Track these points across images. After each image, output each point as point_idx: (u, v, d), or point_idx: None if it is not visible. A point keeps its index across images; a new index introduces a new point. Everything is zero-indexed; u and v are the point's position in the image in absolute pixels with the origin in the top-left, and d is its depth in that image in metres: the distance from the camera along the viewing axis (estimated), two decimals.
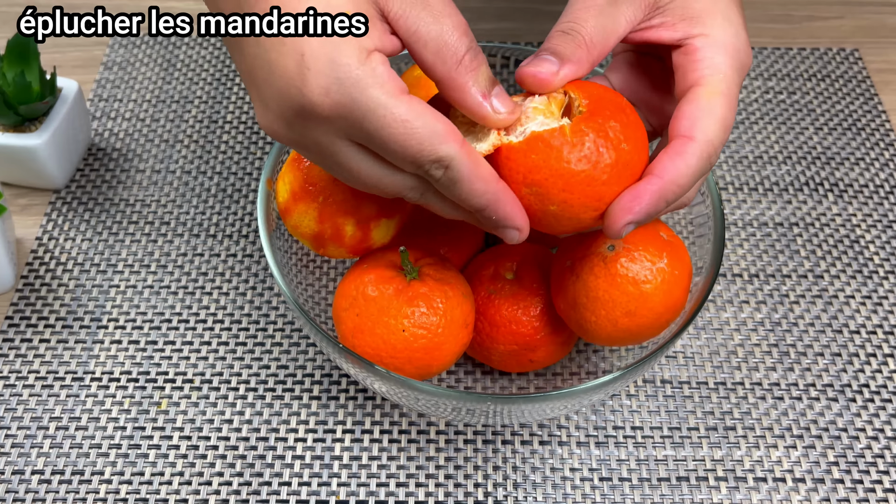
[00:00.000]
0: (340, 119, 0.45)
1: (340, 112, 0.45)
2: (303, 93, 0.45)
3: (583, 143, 0.50)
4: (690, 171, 0.50)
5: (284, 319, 0.75)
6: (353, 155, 0.48)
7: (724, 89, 0.52)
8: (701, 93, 0.51)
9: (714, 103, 0.51)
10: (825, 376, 0.73)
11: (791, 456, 0.68)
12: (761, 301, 0.77)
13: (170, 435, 0.69)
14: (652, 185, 0.50)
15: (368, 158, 0.48)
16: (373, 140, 0.46)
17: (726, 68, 0.52)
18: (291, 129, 0.47)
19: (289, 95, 0.45)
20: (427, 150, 0.46)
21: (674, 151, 0.50)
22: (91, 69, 0.95)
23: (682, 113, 0.51)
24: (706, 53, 0.52)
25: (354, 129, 0.46)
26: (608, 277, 0.59)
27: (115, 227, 0.81)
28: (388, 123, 0.45)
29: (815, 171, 0.86)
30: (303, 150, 0.50)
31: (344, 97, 0.45)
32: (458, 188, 0.48)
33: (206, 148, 0.88)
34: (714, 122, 0.51)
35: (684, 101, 0.52)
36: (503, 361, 0.67)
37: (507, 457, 0.68)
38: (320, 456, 0.68)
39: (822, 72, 0.96)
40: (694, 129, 0.50)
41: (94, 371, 0.72)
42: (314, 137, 0.47)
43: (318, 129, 0.47)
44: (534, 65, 0.52)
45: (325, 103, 0.45)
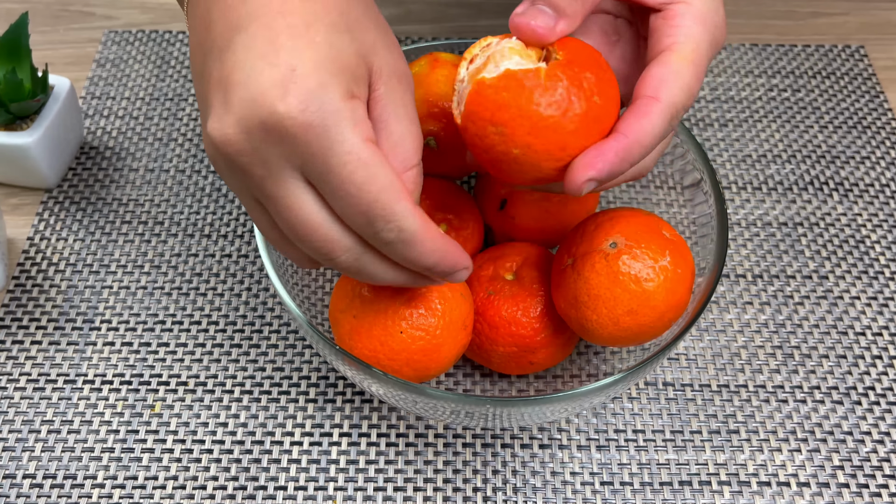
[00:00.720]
0: (304, 144, 0.44)
1: (308, 135, 0.44)
2: (279, 103, 0.44)
3: (555, 88, 0.49)
4: (655, 130, 0.50)
5: (280, 321, 0.75)
6: (298, 192, 0.46)
7: (694, 58, 0.52)
8: (671, 57, 0.52)
9: (682, 68, 0.52)
10: (830, 378, 0.73)
11: (795, 459, 0.68)
12: (765, 302, 0.77)
13: (164, 438, 0.69)
14: (617, 142, 0.50)
15: (313, 200, 0.47)
16: (330, 177, 0.45)
17: (700, 39, 0.53)
18: (247, 138, 0.45)
19: (263, 102, 0.44)
20: (383, 202, 0.45)
21: (639, 111, 0.51)
22: (83, 66, 0.95)
23: (650, 74, 0.52)
24: (684, 21, 0.53)
25: (314, 159, 0.45)
26: (610, 275, 0.59)
27: (107, 226, 0.81)
28: (351, 162, 0.45)
29: (820, 169, 0.87)
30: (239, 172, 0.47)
31: (318, 121, 0.44)
32: (409, 250, 0.48)
33: (200, 146, 0.88)
34: (680, 87, 0.51)
35: (654, 63, 0.52)
36: (502, 363, 0.67)
37: (507, 461, 0.68)
38: (316, 459, 0.68)
39: (826, 69, 0.96)
40: (660, 91, 0.51)
41: (86, 374, 0.72)
42: (265, 157, 0.45)
43: (276, 148, 0.45)
44: (530, 15, 0.51)
45: (297, 120, 0.44)
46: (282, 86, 0.44)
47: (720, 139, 0.89)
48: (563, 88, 0.49)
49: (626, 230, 0.60)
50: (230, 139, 0.45)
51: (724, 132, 0.89)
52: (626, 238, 0.60)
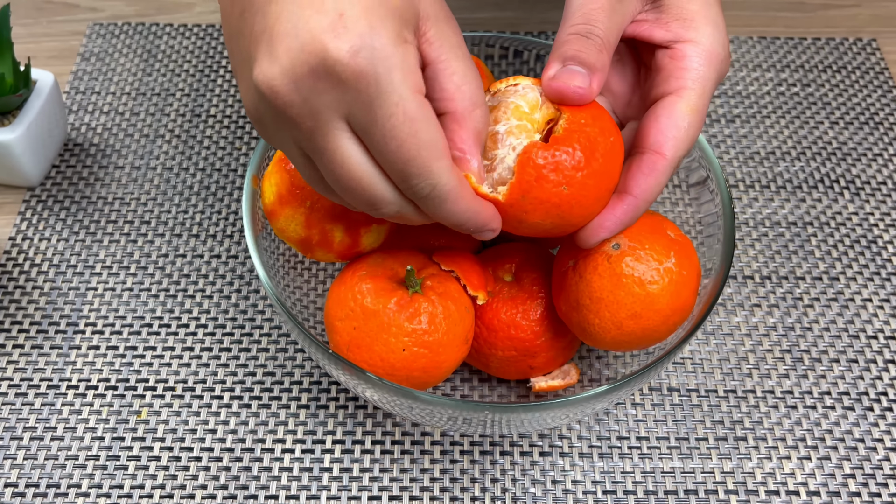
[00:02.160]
0: (354, 90, 0.45)
1: (359, 82, 0.45)
2: (330, 48, 0.44)
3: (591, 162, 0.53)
4: (659, 187, 0.55)
5: (271, 324, 0.75)
6: (346, 144, 0.47)
7: (700, 106, 0.55)
8: (680, 108, 0.55)
9: (690, 122, 0.55)
10: (841, 384, 0.73)
11: (805, 468, 0.69)
12: (773, 304, 0.77)
13: (150, 446, 0.69)
14: (628, 204, 0.55)
15: (360, 152, 0.48)
16: (374, 128, 0.46)
17: (707, 81, 0.56)
18: (296, 87, 0.45)
19: (312, 49, 0.44)
20: (421, 160, 0.47)
21: (648, 168, 0.55)
22: (67, 60, 0.95)
23: (659, 127, 0.55)
24: (692, 63, 0.55)
25: (362, 108, 0.45)
26: (613, 277, 0.59)
27: (92, 226, 0.81)
28: (396, 115, 0.45)
29: (831, 167, 0.87)
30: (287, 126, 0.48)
31: (369, 67, 0.44)
32: (442, 206, 0.49)
33: (188, 143, 0.88)
34: (686, 142, 0.55)
35: (663, 112, 0.55)
36: (502, 368, 0.67)
37: (506, 469, 0.68)
38: (309, 468, 0.68)
39: (837, 63, 0.96)
40: (668, 147, 0.55)
41: (70, 378, 0.72)
42: (314, 107, 0.46)
43: (325, 95, 0.45)
44: (567, 78, 0.53)
45: (349, 65, 0.44)
46: (332, 31, 0.44)
47: (727, 135, 0.89)
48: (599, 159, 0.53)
49: (629, 231, 0.60)
50: (278, 90, 0.46)
51: (732, 128, 0.90)
52: (630, 239, 0.60)
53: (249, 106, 0.48)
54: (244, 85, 0.48)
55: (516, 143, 0.53)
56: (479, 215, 0.51)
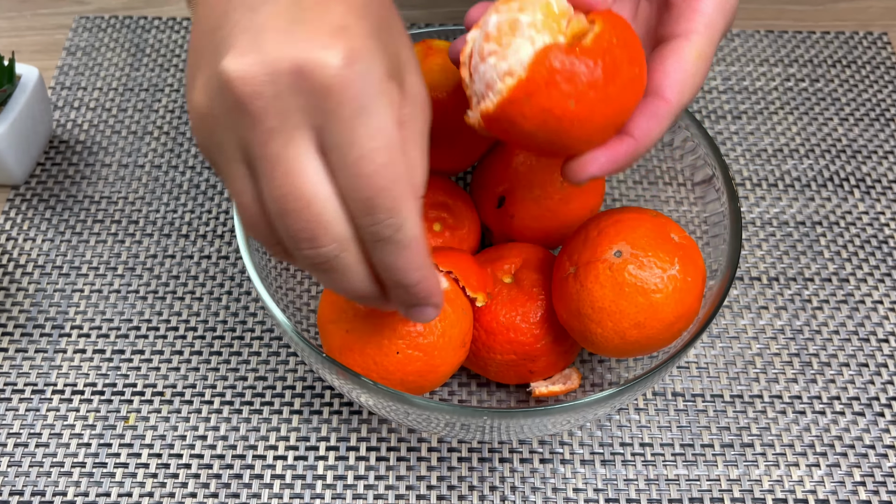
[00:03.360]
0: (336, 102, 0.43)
1: (345, 93, 0.43)
2: (323, 50, 0.42)
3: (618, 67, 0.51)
4: (661, 132, 0.54)
5: (263, 327, 0.75)
6: (306, 156, 0.44)
7: (707, 53, 0.55)
8: (688, 52, 0.54)
9: (697, 68, 0.55)
10: (851, 388, 0.73)
11: (814, 475, 0.69)
12: (781, 307, 0.77)
13: (138, 452, 0.69)
14: (627, 145, 0.53)
15: (319, 169, 0.44)
16: (350, 148, 0.43)
17: (717, 29, 0.55)
18: (271, 80, 0.43)
19: (304, 46, 0.42)
20: (395, 193, 0.44)
21: (650, 112, 0.54)
22: (53, 55, 0.95)
23: (665, 70, 0.54)
24: (706, 7, 0.55)
25: (340, 123, 0.43)
26: (615, 287, 0.59)
27: (78, 226, 0.81)
28: (379, 139, 0.44)
29: (840, 164, 0.87)
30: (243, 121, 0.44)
31: (359, 82, 0.43)
32: (399, 255, 0.46)
33: (177, 140, 0.88)
34: (692, 88, 0.55)
35: (670, 55, 0.55)
36: (500, 372, 0.67)
37: (505, 476, 0.68)
38: (301, 475, 0.68)
39: (847, 57, 0.96)
40: (674, 92, 0.54)
41: (55, 383, 0.72)
42: (284, 106, 0.43)
43: (301, 98, 0.43)
44: None
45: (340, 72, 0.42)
46: (331, 36, 0.43)
47: (733, 132, 0.89)
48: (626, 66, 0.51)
49: (631, 237, 0.60)
50: (251, 76, 0.43)
51: (738, 125, 0.90)
52: (632, 246, 0.60)
53: (200, 100, 0.45)
54: (202, 78, 0.45)
55: (537, 38, 0.50)
56: (430, 279, 0.49)
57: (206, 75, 0.45)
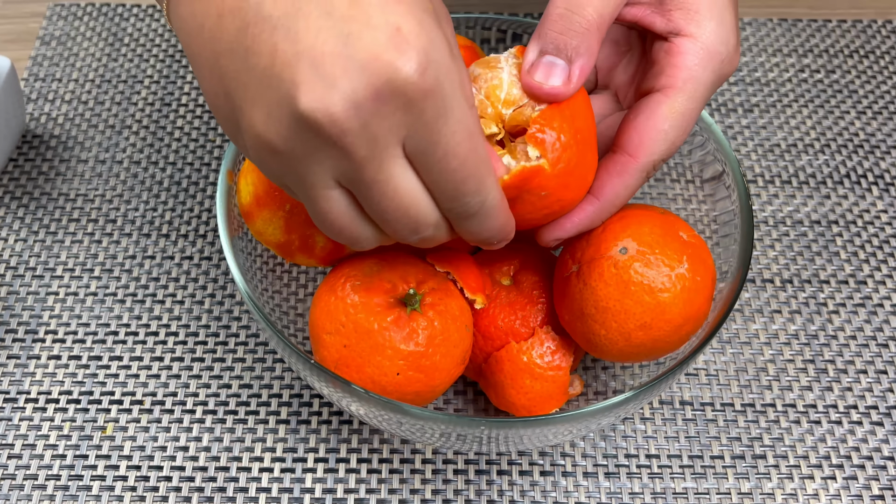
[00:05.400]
0: (419, 111, 0.44)
1: (426, 101, 0.44)
2: (397, 66, 0.43)
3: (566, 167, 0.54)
4: (628, 191, 0.57)
5: (248, 332, 0.75)
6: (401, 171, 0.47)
7: (687, 109, 0.56)
8: (663, 110, 0.56)
9: (670, 126, 0.56)
10: (868, 397, 0.73)
11: (829, 488, 0.69)
12: (795, 310, 0.77)
13: (116, 464, 0.69)
14: (591, 205, 0.58)
15: (413, 177, 0.47)
16: (435, 147, 0.46)
17: (700, 83, 0.56)
18: (357, 115, 0.44)
19: (376, 69, 0.43)
20: (479, 176, 0.48)
21: (616, 170, 0.57)
22: (25, 44, 0.95)
23: (636, 126, 0.56)
24: (688, 61, 0.56)
25: (425, 128, 0.45)
26: (620, 285, 0.59)
27: (53, 225, 0.81)
28: (459, 131, 0.46)
29: (857, 160, 0.87)
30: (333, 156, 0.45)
31: (436, 84, 0.44)
32: (485, 222, 0.51)
33: (157, 135, 0.88)
34: (663, 146, 0.56)
35: (643, 111, 0.56)
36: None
37: (504, 489, 0.68)
38: (289, 489, 0.68)
39: (865, 47, 0.96)
40: (640, 150, 0.56)
41: (28, 391, 0.72)
42: (373, 133, 0.44)
43: (388, 120, 0.44)
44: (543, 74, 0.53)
45: (417, 84, 0.43)
46: (395, 48, 0.43)
47: (745, 126, 0.89)
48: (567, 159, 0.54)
49: (637, 233, 0.60)
50: (338, 117, 0.43)
51: (750, 118, 0.90)
52: (638, 243, 0.60)
53: (277, 137, 0.46)
54: (265, 113, 0.45)
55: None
56: (507, 228, 0.53)
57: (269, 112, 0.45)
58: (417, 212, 0.48)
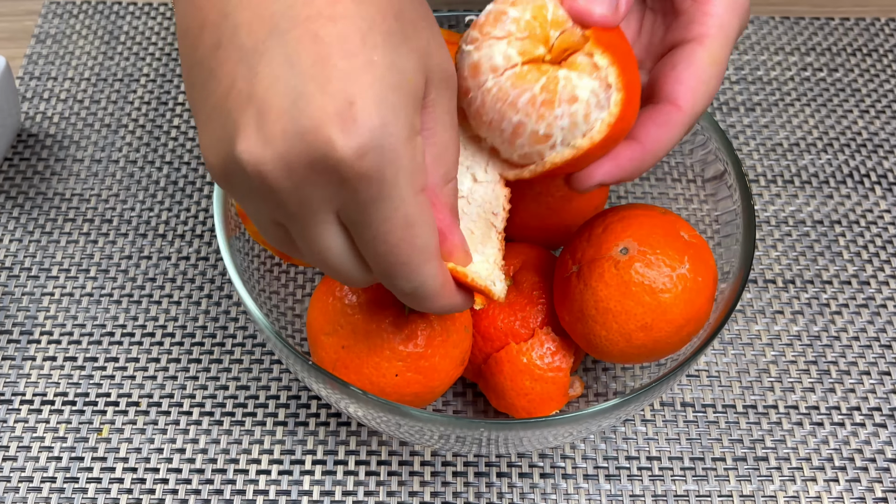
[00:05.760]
0: (352, 190, 0.43)
1: (360, 183, 0.43)
2: (335, 144, 0.42)
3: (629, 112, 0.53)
4: (672, 142, 0.55)
5: (245, 332, 0.75)
6: (330, 235, 0.46)
7: (721, 57, 0.55)
8: (702, 58, 0.55)
9: (711, 74, 0.55)
10: (872, 398, 0.73)
11: (832, 491, 0.69)
12: (797, 311, 0.77)
13: (112, 466, 0.69)
14: (633, 151, 0.54)
15: (342, 242, 0.47)
16: (366, 229, 0.45)
17: (731, 31, 0.55)
18: (288, 176, 0.43)
19: (314, 140, 0.42)
20: (411, 265, 0.47)
21: (662, 120, 0.55)
22: (21, 42, 0.95)
23: (677, 76, 0.55)
24: (717, 9, 0.55)
25: (357, 207, 0.44)
26: (621, 286, 0.59)
27: (48, 225, 0.81)
28: (394, 219, 0.45)
29: (860, 160, 0.87)
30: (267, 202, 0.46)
31: (375, 170, 0.43)
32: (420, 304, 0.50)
33: (154, 134, 0.88)
34: (706, 95, 0.55)
35: (682, 60, 0.55)
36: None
37: (503, 492, 0.68)
38: (286, 491, 0.68)
39: (868, 45, 0.96)
40: (687, 99, 0.54)
41: (24, 392, 0.72)
42: (304, 196, 0.44)
43: (319, 189, 0.44)
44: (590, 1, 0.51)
45: (353, 167, 0.42)
46: (339, 123, 0.42)
47: (747, 125, 0.89)
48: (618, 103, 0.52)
49: (638, 233, 0.60)
50: (267, 175, 0.43)
51: (752, 117, 0.90)
52: (639, 242, 0.60)
53: (216, 165, 0.46)
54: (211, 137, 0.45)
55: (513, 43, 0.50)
56: (454, 308, 0.52)
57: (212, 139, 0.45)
58: (346, 273, 0.49)
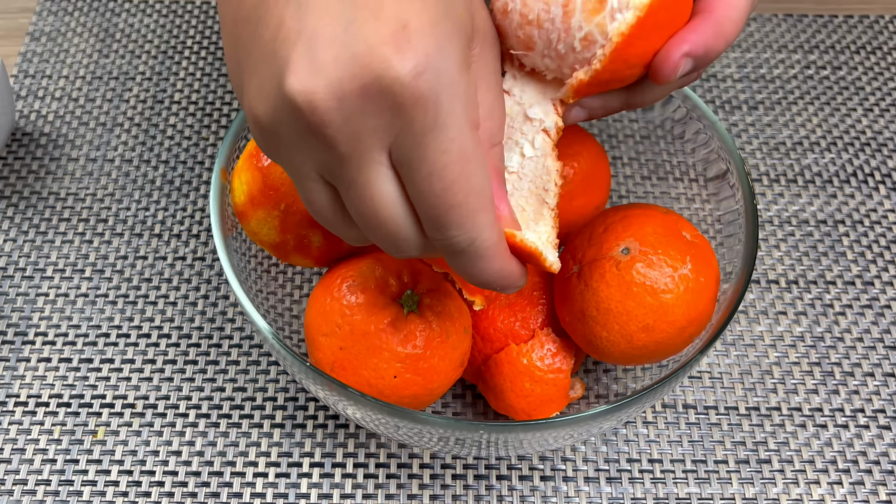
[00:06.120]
0: (408, 117, 0.42)
1: (417, 108, 0.42)
2: (390, 65, 0.41)
3: None
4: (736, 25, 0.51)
5: (242, 334, 0.75)
6: (382, 179, 0.44)
7: None
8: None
9: None
10: (876, 400, 0.73)
11: (836, 493, 0.69)
12: (801, 312, 0.77)
13: (107, 469, 0.69)
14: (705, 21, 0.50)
15: (395, 188, 0.45)
16: (420, 164, 0.43)
17: None
18: (340, 107, 0.42)
19: (368, 62, 0.41)
20: (467, 209, 0.44)
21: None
22: (15, 40, 0.95)
23: None
24: None
25: (413, 138, 0.43)
26: (622, 286, 0.59)
27: (43, 225, 0.81)
28: (451, 151, 0.43)
29: (865, 159, 0.87)
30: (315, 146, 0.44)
31: (432, 92, 0.42)
32: (473, 265, 0.47)
33: (149, 132, 0.87)
34: None
35: None
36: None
37: (503, 495, 0.68)
38: (283, 494, 0.68)
39: (872, 43, 0.96)
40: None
41: (18, 394, 0.72)
42: (356, 130, 0.43)
43: (372, 119, 0.42)
44: None
45: (409, 87, 0.41)
46: (393, 44, 0.41)
47: (749, 124, 0.89)
48: None
49: (640, 233, 0.60)
50: (319, 105, 0.42)
51: (755, 116, 0.90)
52: (641, 243, 0.60)
53: (263, 114, 0.45)
54: (256, 87, 0.45)
55: None
56: (509, 276, 0.49)
57: (259, 85, 0.44)
58: (397, 228, 0.46)
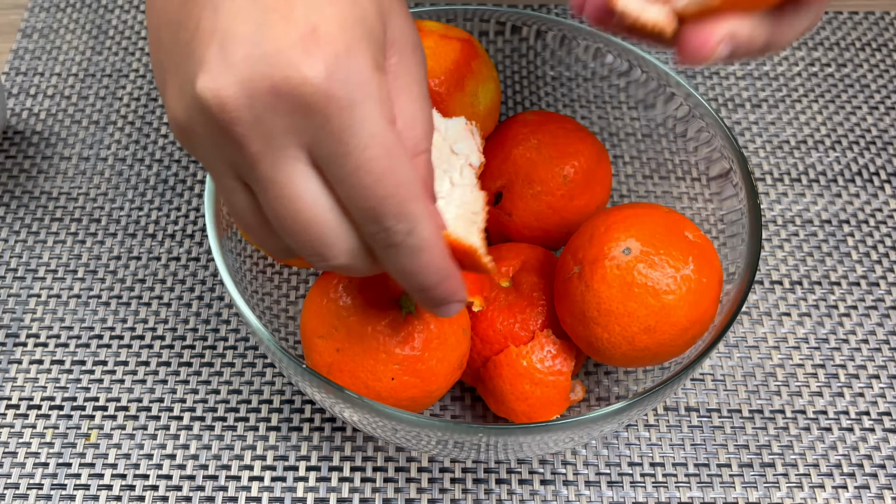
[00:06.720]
0: (323, 118, 0.43)
1: (330, 107, 0.42)
2: (298, 65, 0.42)
3: None
4: None
5: (237, 335, 0.75)
6: (301, 177, 0.44)
7: None
8: None
9: None
10: (881, 403, 0.73)
11: (841, 497, 0.69)
12: (805, 313, 0.77)
13: (100, 473, 0.69)
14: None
15: (318, 187, 0.45)
16: (345, 160, 0.43)
17: None
18: (250, 104, 0.42)
19: (277, 62, 0.42)
20: (400, 198, 0.44)
21: None
22: (7, 37, 0.95)
23: None
24: None
25: (330, 138, 0.43)
26: (623, 287, 0.59)
27: (35, 224, 0.81)
28: (373, 146, 0.43)
29: (870, 157, 0.87)
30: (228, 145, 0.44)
31: (343, 93, 0.42)
32: (414, 259, 0.47)
33: (143, 131, 0.87)
34: None
35: None
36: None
37: (503, 499, 0.68)
38: (279, 498, 0.68)
39: (877, 40, 0.96)
40: None
41: (9, 396, 0.72)
42: (268, 128, 0.43)
43: (285, 119, 0.43)
44: None
45: (320, 87, 0.42)
46: (302, 46, 0.42)
47: (753, 122, 0.89)
48: None
49: (641, 233, 0.60)
50: (228, 103, 0.43)
51: (758, 114, 0.90)
52: (642, 243, 0.60)
53: (179, 114, 0.45)
54: (175, 87, 0.45)
55: None
56: (450, 279, 0.49)
57: (177, 86, 0.45)
58: (325, 226, 0.46)
